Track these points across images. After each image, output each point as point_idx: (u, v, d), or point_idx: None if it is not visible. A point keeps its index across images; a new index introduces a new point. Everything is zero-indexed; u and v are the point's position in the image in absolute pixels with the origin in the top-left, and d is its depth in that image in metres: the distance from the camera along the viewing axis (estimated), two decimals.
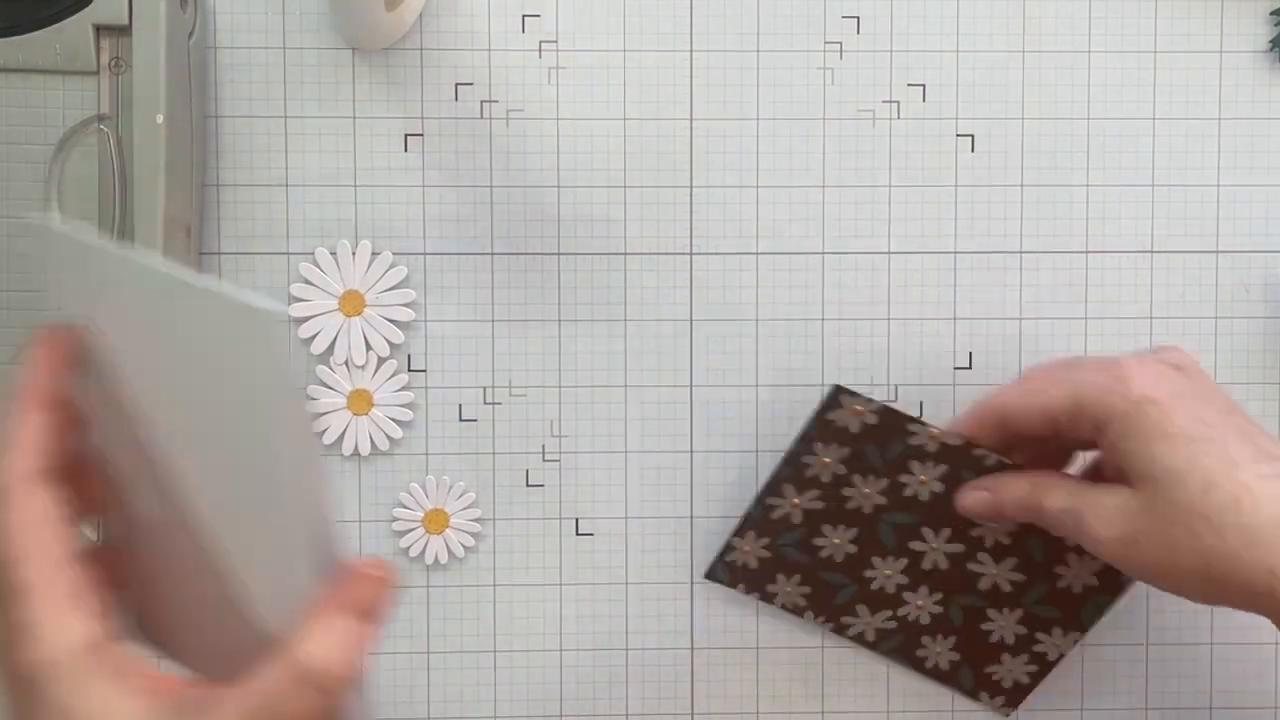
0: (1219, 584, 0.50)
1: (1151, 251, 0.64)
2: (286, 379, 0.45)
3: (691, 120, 0.63)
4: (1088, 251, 0.64)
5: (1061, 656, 0.62)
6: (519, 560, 0.64)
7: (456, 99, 0.63)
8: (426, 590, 0.64)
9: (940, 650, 0.63)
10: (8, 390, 0.43)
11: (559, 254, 0.63)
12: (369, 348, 0.63)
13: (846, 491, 0.60)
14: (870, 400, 0.59)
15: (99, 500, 0.45)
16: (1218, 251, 0.64)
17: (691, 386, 0.64)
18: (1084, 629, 0.61)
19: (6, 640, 0.40)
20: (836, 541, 0.61)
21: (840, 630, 0.63)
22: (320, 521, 0.43)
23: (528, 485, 0.64)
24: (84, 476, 0.44)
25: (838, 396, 0.59)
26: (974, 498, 0.58)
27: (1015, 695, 0.63)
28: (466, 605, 0.64)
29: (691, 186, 0.63)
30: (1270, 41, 0.64)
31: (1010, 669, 0.63)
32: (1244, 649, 0.65)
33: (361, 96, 0.63)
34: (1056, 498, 0.54)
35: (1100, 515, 0.52)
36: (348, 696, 0.42)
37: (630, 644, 0.65)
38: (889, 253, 0.64)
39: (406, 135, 0.63)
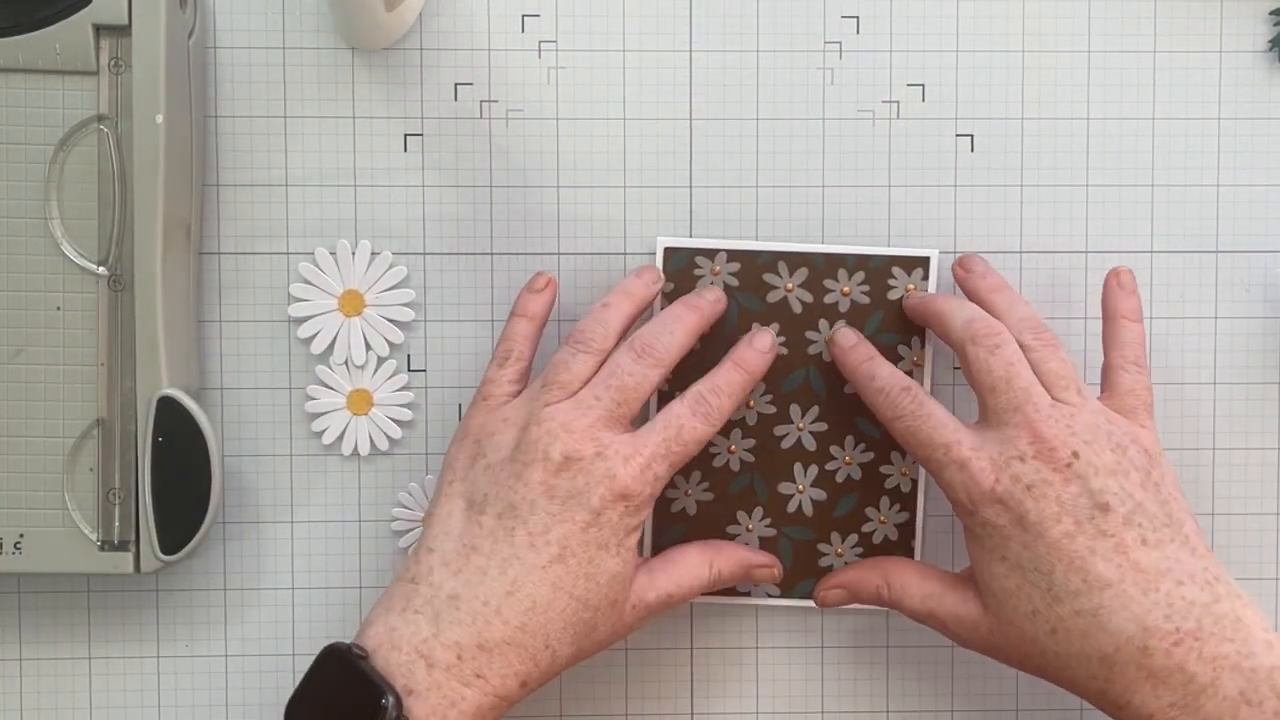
0: (1051, 680, 0.57)
1: (1151, 252, 0.64)
2: None
3: (691, 120, 0.63)
4: (1088, 251, 0.64)
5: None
6: None
7: (456, 99, 0.63)
8: None
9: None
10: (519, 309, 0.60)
11: (559, 254, 0.63)
12: (369, 348, 0.63)
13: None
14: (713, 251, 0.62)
15: None
16: (1218, 251, 0.64)
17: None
18: None
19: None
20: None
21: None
22: None
23: None
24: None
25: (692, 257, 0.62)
26: (833, 595, 0.62)
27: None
28: None
29: (691, 186, 0.63)
30: (1270, 41, 0.64)
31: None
32: None
33: (361, 96, 0.63)
34: (913, 600, 0.59)
35: (957, 626, 0.58)
36: None
37: (630, 643, 0.65)
38: None
39: (406, 135, 0.63)
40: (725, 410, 0.58)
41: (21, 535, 0.58)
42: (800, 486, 0.63)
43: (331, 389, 0.63)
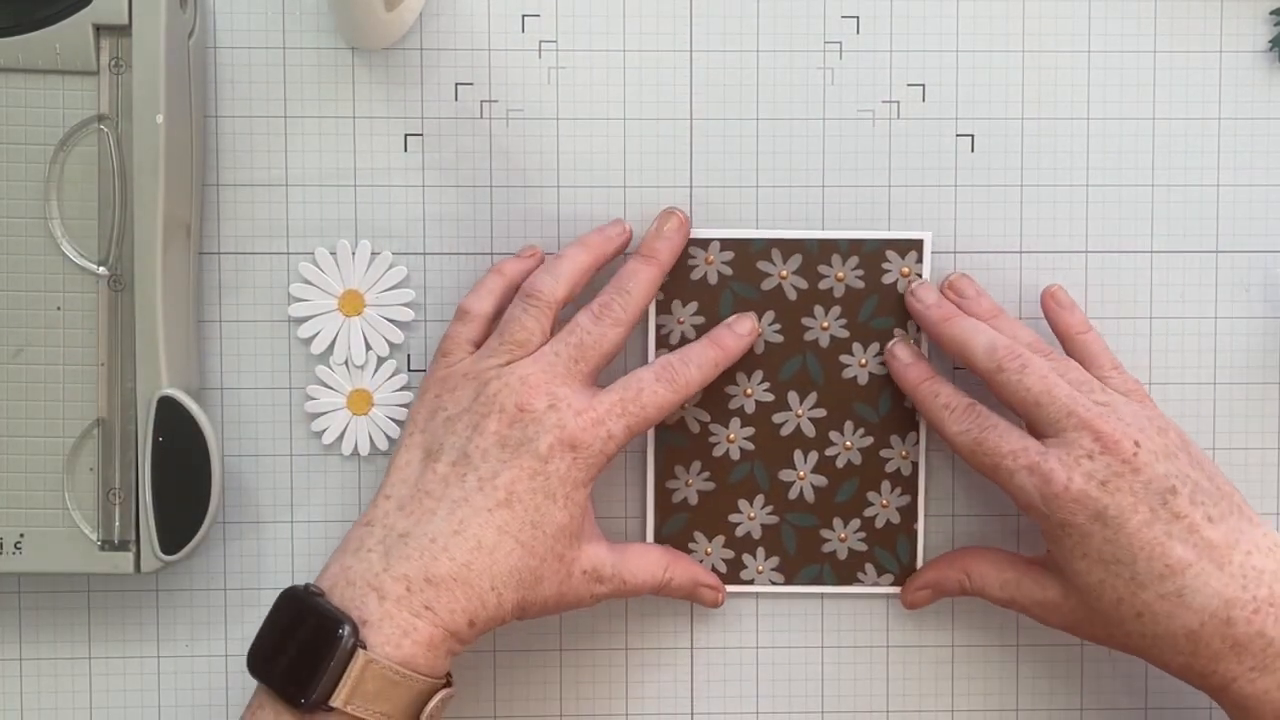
0: (1146, 659, 0.58)
1: (1151, 252, 0.64)
2: None
3: (691, 120, 0.63)
4: (1088, 251, 0.64)
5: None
6: None
7: (456, 99, 0.63)
8: None
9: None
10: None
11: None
12: (369, 348, 0.63)
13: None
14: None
15: None
16: (1218, 251, 0.64)
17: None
18: None
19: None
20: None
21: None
22: None
23: None
24: None
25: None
26: (921, 597, 0.63)
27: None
28: None
29: (691, 186, 0.63)
30: (1270, 41, 0.64)
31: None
32: None
33: (361, 96, 0.63)
34: (994, 589, 0.61)
35: (1039, 609, 0.60)
36: None
37: (630, 644, 0.65)
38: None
39: (406, 135, 0.63)
40: (692, 381, 0.59)
41: (21, 535, 0.58)
42: (801, 473, 0.63)
43: (331, 389, 0.63)
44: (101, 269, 0.58)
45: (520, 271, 0.61)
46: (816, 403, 0.63)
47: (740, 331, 0.61)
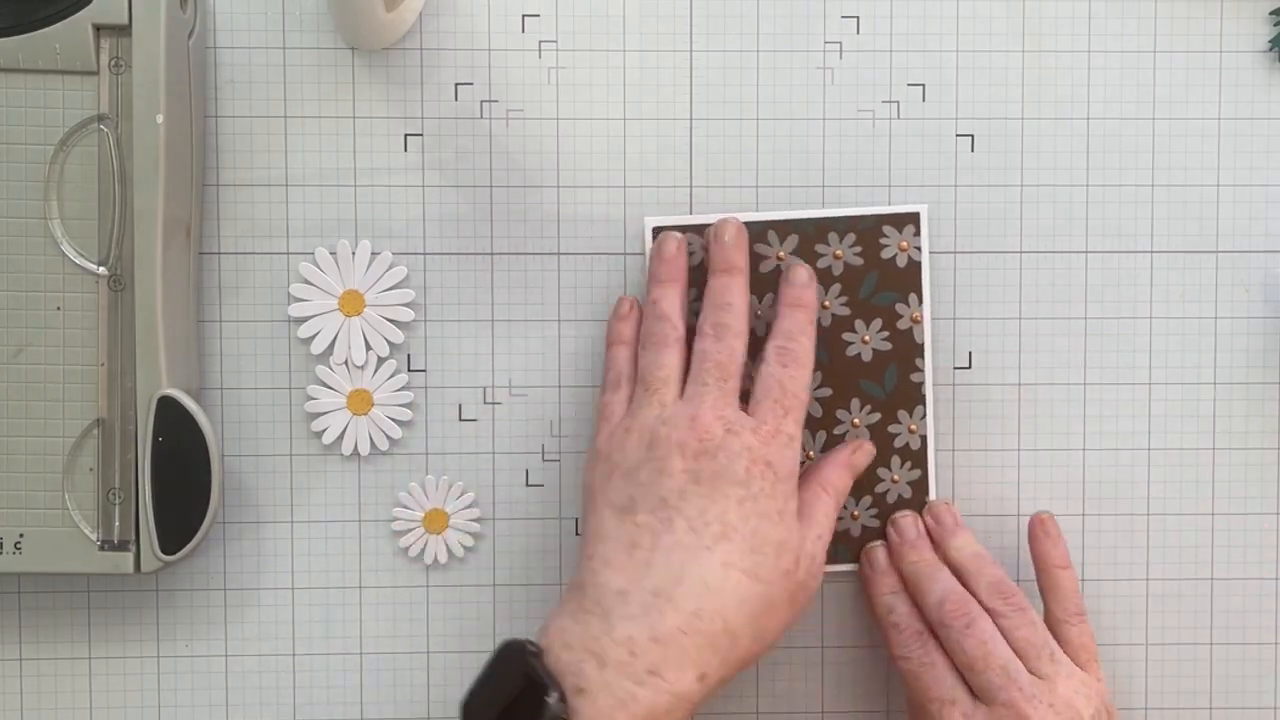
0: None
1: (1151, 251, 0.64)
2: None
3: (691, 120, 0.63)
4: (1088, 251, 0.64)
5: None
6: (519, 560, 0.64)
7: (456, 99, 0.63)
8: (426, 590, 0.64)
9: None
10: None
11: (559, 254, 0.63)
12: (369, 348, 0.63)
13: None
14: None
15: None
16: (1218, 251, 0.64)
17: None
18: None
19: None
20: None
21: None
22: None
23: (527, 485, 0.64)
24: None
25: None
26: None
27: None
28: (466, 605, 0.64)
29: (691, 186, 0.63)
30: (1270, 41, 0.64)
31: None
32: (1244, 649, 0.65)
33: (361, 96, 0.63)
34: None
35: None
36: None
37: None
38: None
39: (406, 135, 0.63)
40: (808, 349, 0.59)
41: (21, 535, 0.58)
42: (810, 453, 0.63)
43: (331, 389, 0.63)
44: (101, 269, 0.58)
45: (634, 331, 0.62)
46: (822, 382, 0.63)
47: (802, 282, 0.61)
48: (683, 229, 0.62)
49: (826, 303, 0.63)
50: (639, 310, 0.62)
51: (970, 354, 0.64)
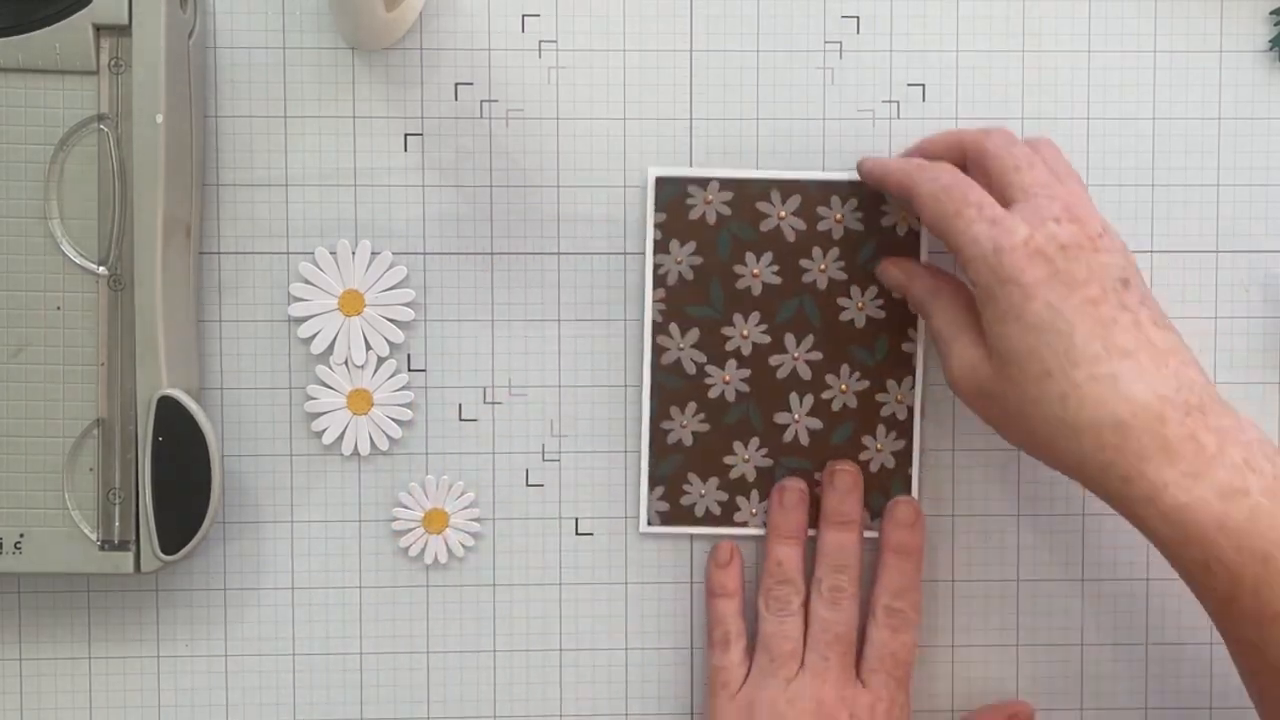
0: (1044, 454, 0.54)
1: (1151, 251, 0.64)
2: None
3: (691, 120, 0.63)
4: None
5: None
6: (519, 560, 0.64)
7: (456, 99, 0.63)
8: (426, 590, 0.64)
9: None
10: None
11: (559, 254, 0.63)
12: (369, 347, 0.63)
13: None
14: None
15: None
16: (1218, 251, 0.64)
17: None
18: None
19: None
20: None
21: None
22: None
23: (527, 485, 0.64)
24: None
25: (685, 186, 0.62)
26: (894, 270, 0.62)
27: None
28: (466, 605, 0.64)
29: None
30: (1270, 41, 0.64)
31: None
32: None
33: (361, 96, 0.63)
34: (939, 320, 0.58)
35: (961, 363, 0.56)
36: None
37: (630, 644, 0.65)
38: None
39: (406, 135, 0.63)
40: (917, 605, 0.62)
41: (21, 535, 0.58)
42: (796, 416, 0.63)
43: (331, 389, 0.63)
44: (101, 269, 0.58)
45: (738, 581, 0.63)
46: (813, 346, 0.63)
47: (909, 521, 0.62)
48: (686, 180, 0.62)
49: (823, 266, 0.62)
50: (740, 559, 0.63)
51: None
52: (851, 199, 0.62)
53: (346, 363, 0.63)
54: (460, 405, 0.64)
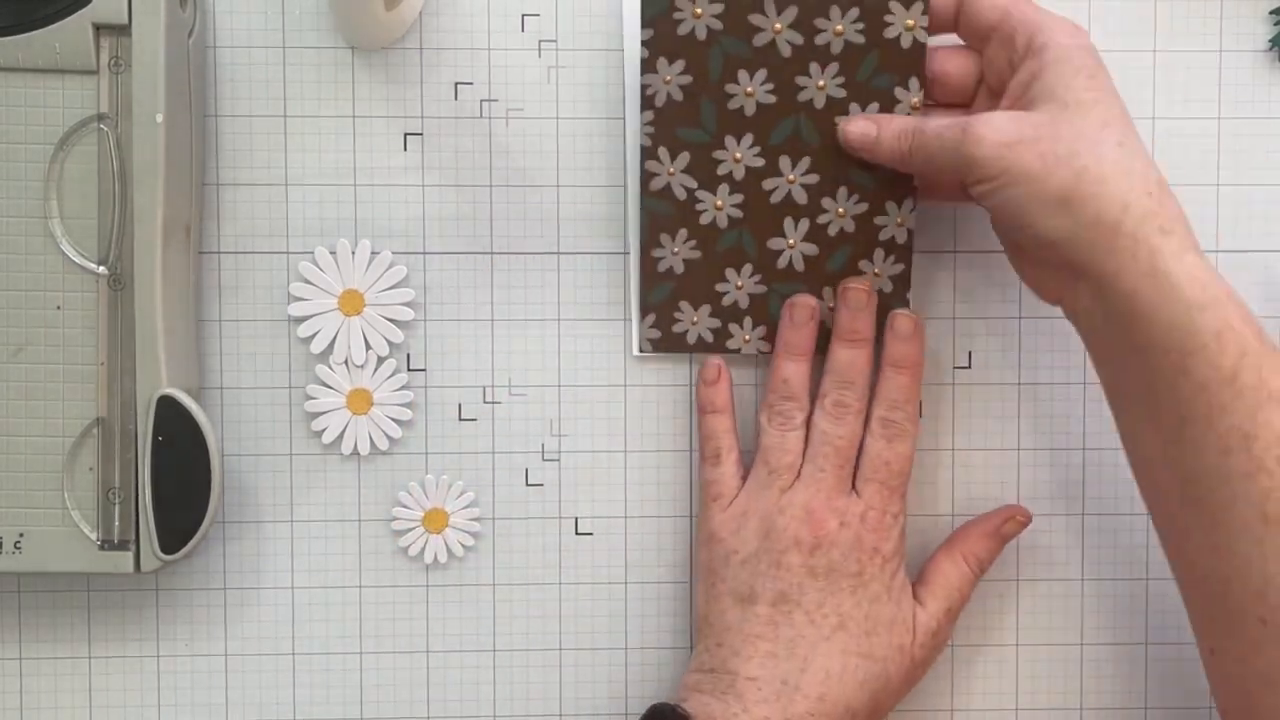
0: (1076, 204, 0.53)
1: None
2: None
3: None
4: None
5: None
6: (519, 560, 0.64)
7: (456, 98, 0.63)
8: (426, 590, 0.64)
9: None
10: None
11: (559, 254, 0.63)
12: (369, 347, 0.63)
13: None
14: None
15: None
16: (1218, 251, 0.64)
17: (691, 385, 0.64)
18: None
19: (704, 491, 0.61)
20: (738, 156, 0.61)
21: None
22: None
23: (527, 485, 0.64)
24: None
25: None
26: (857, 127, 0.59)
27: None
28: (466, 605, 0.64)
29: None
30: (1270, 41, 0.64)
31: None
32: None
33: (361, 96, 0.63)
34: (941, 120, 0.57)
35: (990, 121, 0.55)
36: None
37: (630, 644, 0.65)
38: None
39: (406, 134, 0.63)
40: (912, 417, 0.61)
41: (21, 535, 0.58)
42: (791, 241, 0.61)
43: (331, 389, 0.63)
44: (101, 269, 0.58)
45: (727, 397, 0.62)
46: (810, 168, 0.61)
47: (907, 333, 0.61)
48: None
49: (821, 83, 0.60)
50: (728, 375, 0.63)
51: (970, 354, 0.64)
52: (852, 9, 0.59)
53: (346, 362, 0.63)
54: (460, 405, 0.64)
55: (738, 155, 0.61)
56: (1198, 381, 0.51)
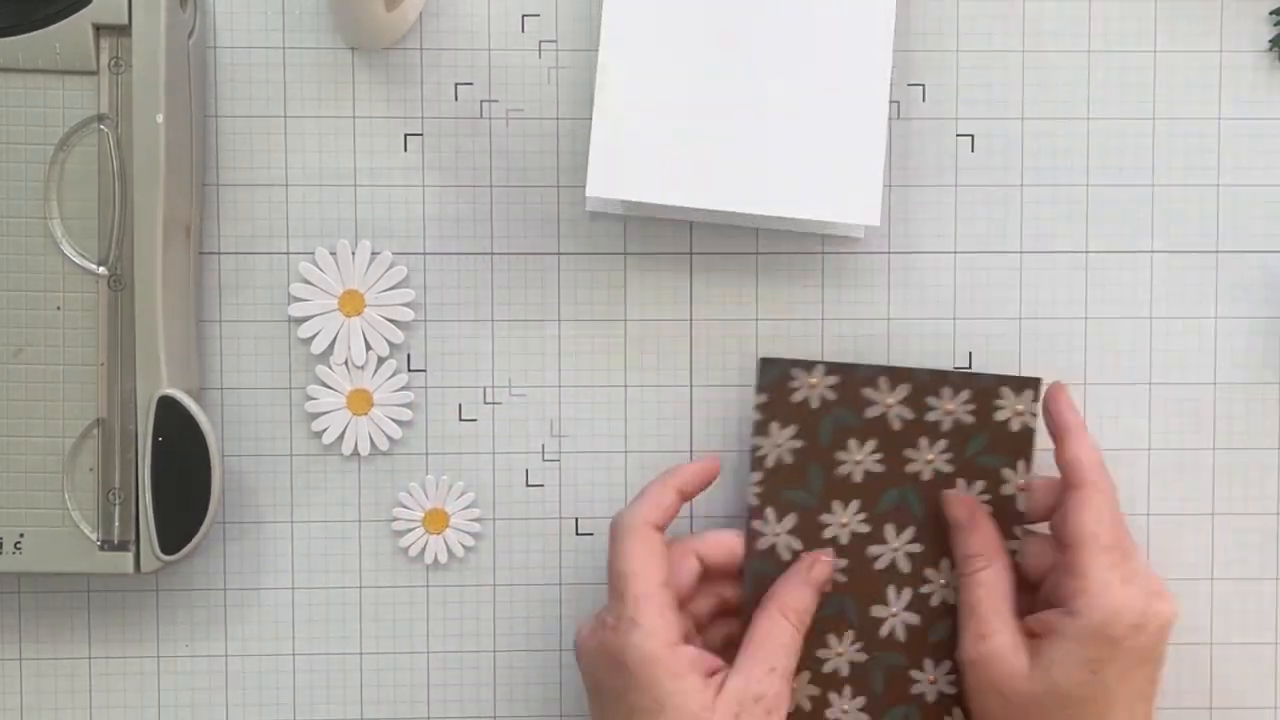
0: None
1: (1151, 251, 0.64)
2: None
3: None
4: (1088, 251, 0.64)
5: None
6: (519, 560, 0.64)
7: (456, 99, 0.63)
8: (426, 590, 0.64)
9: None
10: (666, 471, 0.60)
11: (559, 254, 0.63)
12: (369, 348, 0.63)
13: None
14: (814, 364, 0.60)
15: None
16: (1218, 251, 0.64)
17: (691, 386, 0.64)
18: None
19: (616, 628, 0.56)
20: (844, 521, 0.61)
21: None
22: None
23: (528, 485, 0.64)
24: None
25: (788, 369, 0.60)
26: (959, 507, 0.60)
27: None
28: (466, 605, 0.64)
29: None
30: (1270, 41, 0.64)
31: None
32: (1244, 649, 0.65)
33: (361, 96, 0.63)
34: (983, 591, 0.59)
35: (1000, 647, 0.57)
36: None
37: None
38: (888, 252, 0.64)
39: (406, 135, 0.63)
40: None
41: (21, 535, 0.58)
42: (893, 610, 0.61)
43: (331, 389, 0.63)
44: (101, 269, 0.58)
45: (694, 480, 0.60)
46: (914, 537, 0.61)
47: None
48: (790, 364, 0.60)
49: (930, 457, 0.60)
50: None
51: (970, 354, 0.64)
52: (964, 390, 0.60)
53: (346, 363, 0.63)
54: (460, 405, 0.64)
55: (844, 520, 0.61)
56: None
